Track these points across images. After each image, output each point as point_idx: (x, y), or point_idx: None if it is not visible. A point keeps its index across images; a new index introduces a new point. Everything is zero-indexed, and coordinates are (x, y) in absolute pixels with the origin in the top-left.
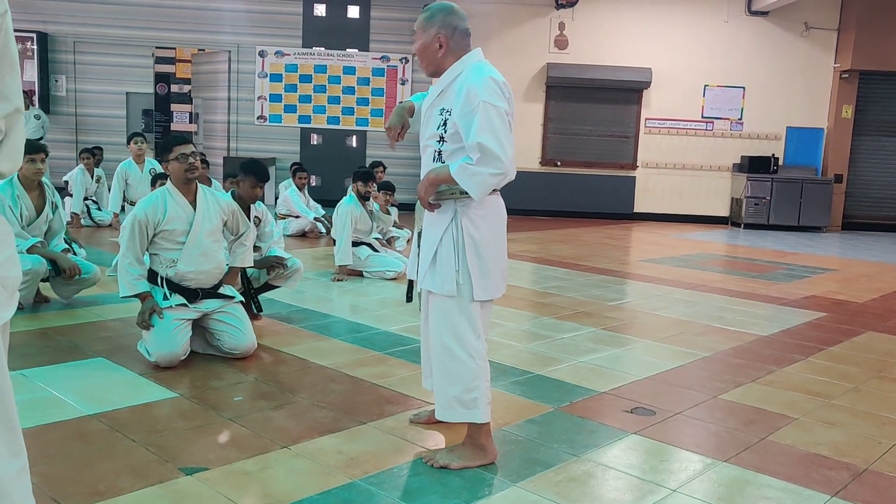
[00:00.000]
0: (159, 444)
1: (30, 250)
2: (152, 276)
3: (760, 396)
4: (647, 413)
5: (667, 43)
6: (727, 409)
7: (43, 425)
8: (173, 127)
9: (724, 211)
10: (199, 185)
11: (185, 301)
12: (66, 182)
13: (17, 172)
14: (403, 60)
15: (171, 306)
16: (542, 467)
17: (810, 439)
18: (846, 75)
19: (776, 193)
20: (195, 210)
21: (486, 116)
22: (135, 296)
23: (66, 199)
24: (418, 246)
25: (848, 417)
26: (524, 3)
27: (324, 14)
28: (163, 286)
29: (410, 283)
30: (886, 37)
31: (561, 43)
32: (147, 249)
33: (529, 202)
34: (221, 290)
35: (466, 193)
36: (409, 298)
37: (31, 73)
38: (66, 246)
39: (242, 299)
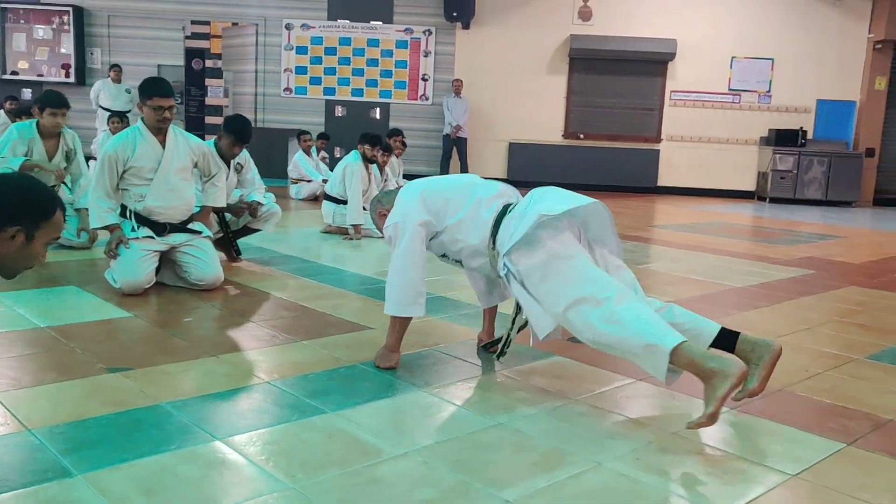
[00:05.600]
0: (95, 350)
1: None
2: (123, 210)
3: None
4: (576, 340)
5: (693, 14)
6: None
7: None
8: (208, 101)
9: (750, 185)
10: (172, 127)
11: (152, 234)
12: (93, 149)
13: (38, 121)
14: (427, 33)
15: (137, 238)
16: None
17: None
18: (880, 46)
19: (803, 167)
20: (164, 149)
21: None
22: (104, 227)
23: (91, 161)
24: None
25: (788, 351)
26: None
27: None
28: (131, 219)
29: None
30: None
31: (585, 14)
32: (118, 184)
33: (551, 175)
34: (190, 226)
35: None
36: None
37: (68, 46)
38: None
39: (211, 234)
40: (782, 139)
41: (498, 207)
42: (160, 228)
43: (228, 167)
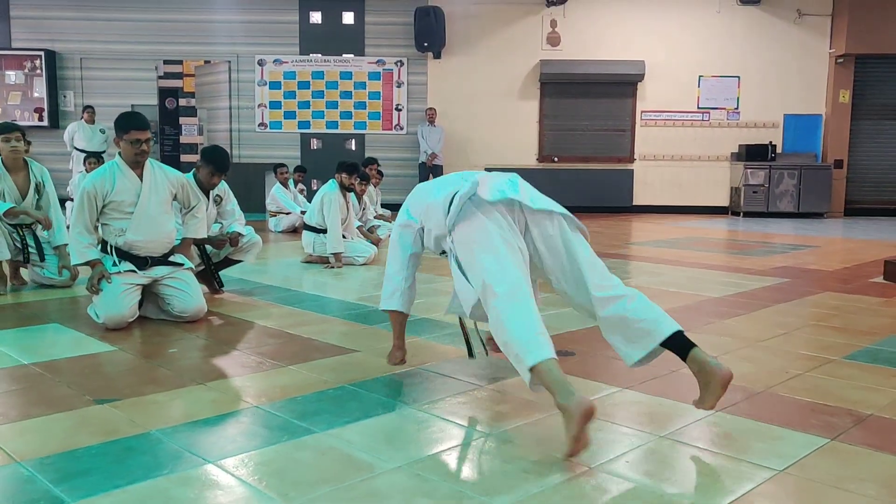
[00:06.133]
0: (81, 383)
1: (6, 213)
2: (104, 245)
3: None
4: (567, 354)
5: (659, 35)
6: None
7: None
8: (182, 140)
9: (723, 201)
10: (149, 160)
11: (133, 268)
12: (69, 190)
13: (1, 155)
14: (398, 63)
15: (119, 272)
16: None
17: None
18: (841, 60)
19: (774, 181)
20: (143, 183)
21: None
22: (85, 263)
23: (69, 203)
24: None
25: (767, 355)
26: (515, 2)
27: (319, 21)
28: (112, 254)
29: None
30: (880, 20)
31: (553, 40)
32: (98, 220)
33: None
34: (172, 259)
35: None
36: (472, 354)
37: (41, 90)
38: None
39: (192, 266)
40: (752, 154)
41: (453, 191)
42: (142, 262)
43: (208, 198)
